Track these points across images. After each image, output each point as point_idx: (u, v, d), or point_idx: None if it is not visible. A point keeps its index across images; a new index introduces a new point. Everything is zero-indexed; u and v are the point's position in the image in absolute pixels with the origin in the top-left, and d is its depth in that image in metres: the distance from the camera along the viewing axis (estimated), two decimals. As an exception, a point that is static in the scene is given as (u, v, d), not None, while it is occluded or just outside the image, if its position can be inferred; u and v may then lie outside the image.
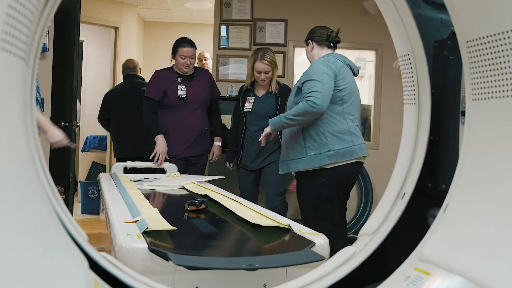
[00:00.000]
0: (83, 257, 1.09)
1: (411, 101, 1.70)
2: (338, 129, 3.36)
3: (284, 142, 3.54)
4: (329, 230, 2.98)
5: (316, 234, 2.11)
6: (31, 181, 0.95)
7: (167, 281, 1.82)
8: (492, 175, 1.30)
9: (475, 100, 1.37)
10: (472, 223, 1.30)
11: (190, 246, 2.08)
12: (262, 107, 4.29)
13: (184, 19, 8.72)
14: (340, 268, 1.60)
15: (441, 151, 1.62)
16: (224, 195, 3.08)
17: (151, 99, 4.40)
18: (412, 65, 1.68)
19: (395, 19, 1.66)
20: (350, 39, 5.71)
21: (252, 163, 4.30)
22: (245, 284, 1.89)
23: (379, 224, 1.70)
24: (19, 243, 0.76)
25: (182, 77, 4.43)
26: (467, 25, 1.34)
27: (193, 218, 2.56)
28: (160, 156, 4.29)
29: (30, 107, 1.20)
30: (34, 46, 1.17)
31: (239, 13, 5.86)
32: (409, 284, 1.34)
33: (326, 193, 3.36)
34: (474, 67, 1.36)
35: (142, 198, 2.89)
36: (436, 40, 1.62)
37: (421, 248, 1.43)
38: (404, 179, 1.68)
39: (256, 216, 2.42)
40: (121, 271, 1.40)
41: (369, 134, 6.07)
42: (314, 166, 3.34)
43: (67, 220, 1.26)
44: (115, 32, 7.28)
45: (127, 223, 2.16)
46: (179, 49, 4.38)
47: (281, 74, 5.81)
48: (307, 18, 5.72)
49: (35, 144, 1.22)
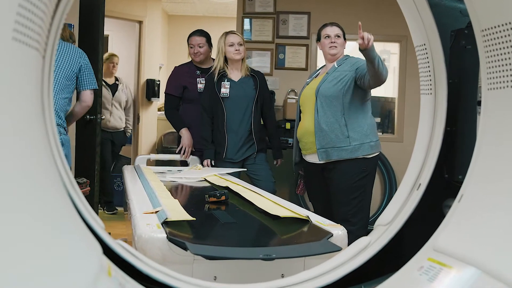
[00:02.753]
0: (97, 243, 1.12)
1: (428, 91, 1.69)
2: (373, 123, 3.54)
3: (318, 129, 3.46)
4: (366, 218, 3.02)
5: (334, 226, 2.11)
6: (47, 170, 0.98)
7: (185, 271, 1.85)
8: (508, 166, 1.28)
9: (491, 89, 1.36)
10: (487, 214, 1.29)
11: (208, 236, 2.10)
12: (242, 91, 4.12)
13: (208, 13, 8.75)
14: (355, 258, 1.61)
15: (458, 141, 1.61)
16: (245, 186, 3.10)
17: (171, 95, 4.49)
18: (428, 55, 1.66)
19: (411, 9, 1.65)
20: (374, 32, 5.61)
21: (236, 154, 4.10)
22: (263, 274, 1.91)
23: (394, 214, 1.70)
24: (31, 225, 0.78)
25: (201, 70, 4.47)
26: (482, 13, 1.32)
27: (214, 209, 2.58)
28: (187, 149, 4.35)
29: (47, 97, 1.22)
30: (51, 39, 1.20)
31: (262, 5, 5.85)
32: (422, 274, 1.33)
33: (365, 182, 3.45)
34: (490, 56, 1.35)
35: (164, 189, 2.92)
36: (453, 30, 1.61)
37: (435, 238, 1.42)
38: (420, 169, 1.68)
39: (275, 207, 2.43)
40: (136, 259, 1.42)
41: (393, 127, 6.03)
42: (359, 155, 3.40)
43: (84, 208, 1.29)
44: (139, 26, 7.33)
45: (147, 214, 2.19)
46: (189, 39, 4.49)
47: (303, 67, 5.80)
48: (330, 11, 5.70)
49: (53, 133, 1.25)
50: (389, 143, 5.55)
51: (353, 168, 3.40)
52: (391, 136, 5.91)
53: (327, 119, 3.42)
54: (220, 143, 4.12)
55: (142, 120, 7.44)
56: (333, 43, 3.56)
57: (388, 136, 5.95)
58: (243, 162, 4.15)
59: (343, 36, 3.64)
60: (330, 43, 3.58)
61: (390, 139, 5.74)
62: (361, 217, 3.31)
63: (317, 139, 3.45)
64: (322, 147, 3.43)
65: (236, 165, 4.10)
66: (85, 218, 1.28)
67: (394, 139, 5.71)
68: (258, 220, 2.36)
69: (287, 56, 5.87)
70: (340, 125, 3.39)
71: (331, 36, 3.58)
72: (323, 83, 3.49)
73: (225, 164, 4.10)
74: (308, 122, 3.52)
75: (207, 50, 4.51)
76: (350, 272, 1.55)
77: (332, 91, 3.44)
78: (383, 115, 6.32)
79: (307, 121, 3.53)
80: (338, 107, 3.41)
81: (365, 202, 3.43)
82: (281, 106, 5.74)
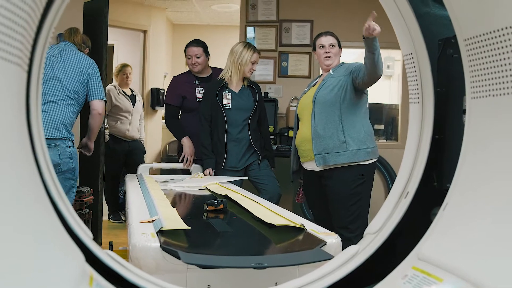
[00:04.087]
0: (80, 252, 1.13)
1: (416, 100, 1.70)
2: (370, 130, 3.52)
3: (315, 135, 3.47)
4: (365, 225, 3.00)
5: (328, 234, 2.12)
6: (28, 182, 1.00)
7: (179, 280, 1.86)
8: (490, 174, 1.29)
9: (474, 98, 1.36)
10: (470, 222, 1.30)
11: (203, 245, 2.11)
12: (242, 102, 4.16)
13: (212, 21, 8.80)
14: (343, 266, 1.61)
15: (447, 150, 1.61)
16: (244, 195, 3.11)
17: (171, 105, 4.51)
18: (415, 64, 1.67)
19: (398, 19, 1.67)
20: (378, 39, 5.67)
21: (239, 162, 4.14)
22: (257, 283, 1.91)
23: (382, 223, 1.70)
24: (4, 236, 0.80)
25: (200, 80, 4.50)
26: (464, 23, 1.33)
27: (212, 218, 2.59)
28: (189, 158, 4.37)
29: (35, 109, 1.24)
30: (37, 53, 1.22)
31: (265, 14, 5.89)
32: (405, 282, 1.34)
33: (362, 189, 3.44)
34: (473, 65, 1.36)
35: (163, 198, 2.94)
36: (440, 39, 1.62)
37: (420, 247, 1.43)
38: (408, 178, 1.68)
39: (272, 215, 2.44)
40: (124, 268, 1.44)
41: (396, 133, 6.03)
42: (356, 161, 3.40)
43: (71, 218, 1.30)
44: (144, 35, 7.39)
45: (144, 223, 2.21)
46: (186, 50, 4.50)
47: (306, 74, 5.83)
48: (332, 18, 5.72)
49: (41, 145, 1.27)
50: (393, 150, 5.55)
51: (350, 175, 3.40)
52: (395, 143, 5.91)
53: (324, 125, 3.43)
54: (220, 153, 4.14)
55: (147, 129, 7.48)
56: (328, 53, 3.58)
57: (391, 143, 5.95)
58: (246, 170, 4.18)
59: (338, 45, 3.65)
60: (325, 53, 3.59)
61: (393, 146, 5.74)
62: (360, 225, 3.30)
63: (314, 145, 3.45)
64: (319, 153, 3.43)
65: (238, 173, 4.12)
66: (72, 228, 1.30)
67: (397, 146, 5.71)
68: (254, 229, 2.36)
69: (290, 64, 5.90)
70: (337, 131, 3.40)
71: (326, 46, 3.60)
72: (320, 90, 3.50)
73: (226, 172, 4.11)
74: (306, 129, 3.53)
75: (205, 60, 4.49)
76: (338, 280, 1.56)
77: (329, 98, 3.45)
78: (386, 122, 6.33)
79: (305, 129, 3.54)
80: (335, 112, 3.42)
81: (363, 209, 3.43)
82: (284, 114, 5.76)
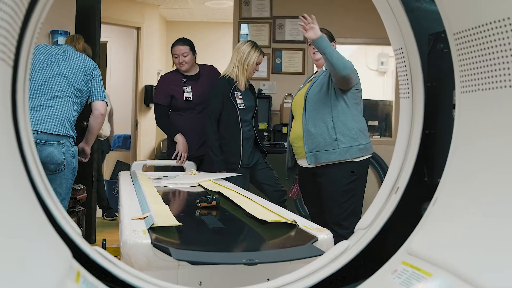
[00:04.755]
0: (67, 249, 1.12)
1: (406, 95, 1.70)
2: (363, 126, 3.49)
3: (307, 133, 3.47)
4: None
5: (320, 230, 2.11)
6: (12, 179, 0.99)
7: (171, 276, 1.85)
8: (479, 168, 1.29)
9: (464, 92, 1.36)
10: (460, 216, 1.30)
11: (194, 242, 2.11)
12: (249, 101, 4.24)
13: (206, 18, 8.78)
14: (333, 262, 1.61)
15: (437, 145, 1.61)
16: (237, 191, 3.10)
17: (160, 105, 4.48)
18: (405, 59, 1.67)
19: (388, 14, 1.66)
20: (372, 35, 5.68)
21: (249, 159, 4.20)
22: (249, 279, 1.91)
23: (373, 218, 1.70)
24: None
25: (188, 78, 4.47)
26: (453, 17, 1.33)
27: (204, 214, 2.59)
28: (182, 155, 4.35)
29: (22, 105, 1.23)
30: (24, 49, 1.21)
31: (258, 10, 5.88)
32: (395, 277, 1.34)
33: (355, 186, 3.43)
34: (462, 59, 1.35)
35: (156, 195, 2.93)
36: (430, 34, 1.61)
37: (410, 242, 1.43)
38: (399, 173, 1.68)
39: (264, 212, 2.44)
40: (113, 264, 1.43)
41: (390, 130, 6.04)
42: (347, 158, 3.39)
43: (59, 215, 1.30)
44: (137, 32, 7.36)
45: (136, 220, 2.20)
46: (172, 49, 4.46)
47: (300, 71, 5.82)
48: (326, 14, 5.71)
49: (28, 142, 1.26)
50: (387, 146, 5.56)
51: (342, 172, 3.39)
52: (389, 139, 5.92)
53: (315, 123, 3.42)
54: (235, 153, 4.14)
55: (141, 126, 7.46)
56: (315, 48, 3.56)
57: (385, 139, 5.96)
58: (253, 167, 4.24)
59: (331, 39, 3.63)
60: (313, 49, 3.58)
61: (387, 142, 5.75)
62: (353, 221, 3.29)
63: (306, 143, 3.45)
64: (311, 151, 3.43)
65: (248, 170, 4.19)
66: (60, 225, 1.29)
67: (391, 142, 5.71)
68: (247, 225, 2.36)
69: (284, 60, 5.89)
70: (328, 128, 3.39)
71: None
72: (311, 87, 3.50)
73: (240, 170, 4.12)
74: (299, 127, 3.53)
75: (192, 58, 4.44)
76: (329, 275, 1.56)
77: (320, 95, 3.44)
78: (380, 118, 6.33)
79: (298, 126, 3.54)
80: (326, 110, 3.41)
81: (356, 206, 3.42)
82: (278, 110, 5.75)
